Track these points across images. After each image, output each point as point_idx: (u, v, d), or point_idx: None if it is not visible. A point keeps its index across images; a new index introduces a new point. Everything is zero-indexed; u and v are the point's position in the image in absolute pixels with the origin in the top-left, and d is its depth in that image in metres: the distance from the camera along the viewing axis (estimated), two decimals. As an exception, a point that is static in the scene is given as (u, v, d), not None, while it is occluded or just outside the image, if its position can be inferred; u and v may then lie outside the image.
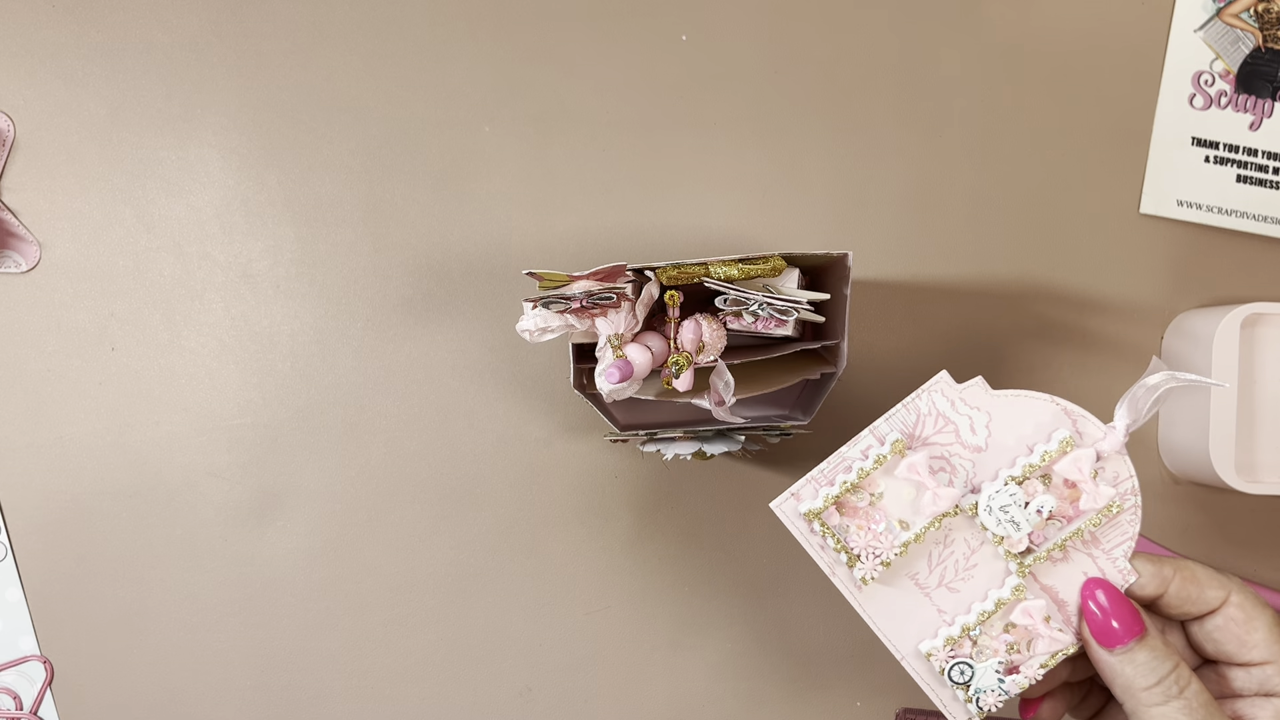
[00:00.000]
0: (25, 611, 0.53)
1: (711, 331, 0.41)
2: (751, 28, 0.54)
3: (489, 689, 0.55)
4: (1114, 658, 0.35)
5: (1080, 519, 0.36)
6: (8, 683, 0.53)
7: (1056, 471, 0.36)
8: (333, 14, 0.53)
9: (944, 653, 0.36)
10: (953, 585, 0.37)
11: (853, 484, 0.36)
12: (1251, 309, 0.51)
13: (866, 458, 0.37)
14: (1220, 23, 0.55)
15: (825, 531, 0.37)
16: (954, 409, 0.36)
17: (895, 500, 0.36)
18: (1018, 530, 0.36)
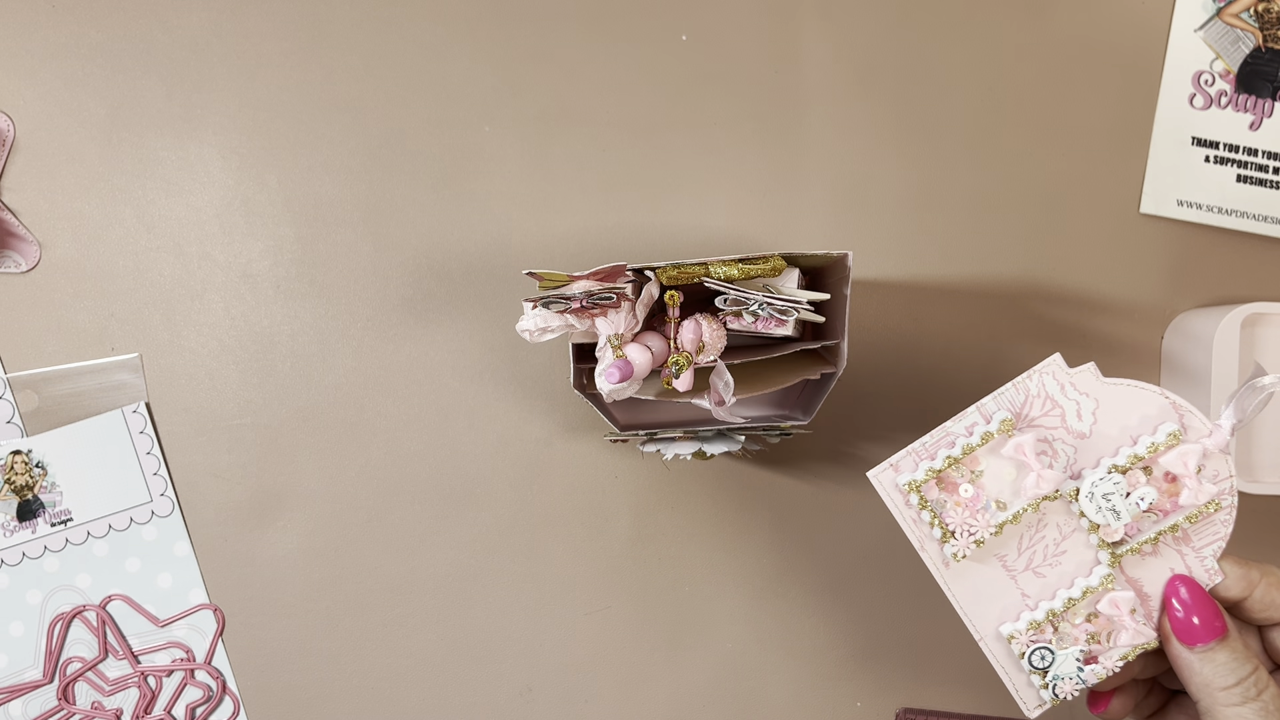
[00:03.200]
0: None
1: (711, 331, 0.41)
2: (751, 28, 0.54)
3: (489, 689, 0.55)
4: (1193, 655, 0.35)
5: (1176, 514, 0.36)
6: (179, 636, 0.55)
7: (1160, 464, 0.36)
8: (333, 14, 0.53)
9: (1026, 636, 0.36)
10: (1039, 569, 0.37)
11: (955, 459, 0.36)
12: (1251, 309, 0.51)
13: (971, 434, 0.36)
14: (1220, 22, 0.55)
15: (922, 505, 0.36)
16: (1063, 393, 0.37)
17: (995, 479, 0.36)
18: (1117, 519, 0.36)
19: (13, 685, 0.54)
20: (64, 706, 0.54)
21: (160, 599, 0.54)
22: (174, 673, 0.54)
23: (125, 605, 0.54)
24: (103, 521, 0.54)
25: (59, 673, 0.54)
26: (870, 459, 0.55)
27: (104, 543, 0.54)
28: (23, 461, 0.53)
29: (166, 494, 0.54)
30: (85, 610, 0.54)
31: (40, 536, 0.53)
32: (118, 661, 0.54)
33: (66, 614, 0.54)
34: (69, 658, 0.54)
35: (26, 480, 0.53)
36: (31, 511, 0.53)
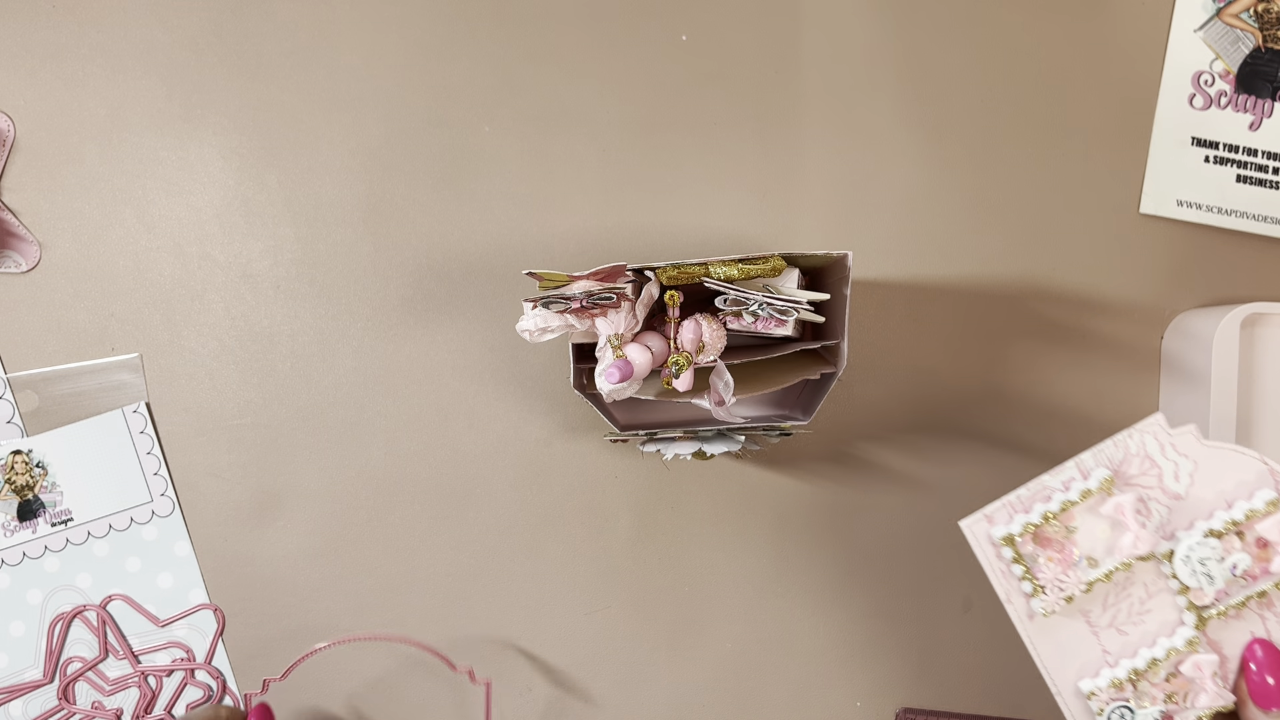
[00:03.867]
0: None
1: (711, 331, 0.41)
2: (751, 28, 0.54)
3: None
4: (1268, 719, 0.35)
5: (1266, 580, 0.36)
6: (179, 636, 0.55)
7: (1255, 530, 0.36)
8: (333, 14, 0.53)
9: (1106, 694, 0.36)
10: (1123, 627, 0.37)
11: (1052, 514, 0.36)
12: (1251, 309, 0.51)
13: (1068, 489, 0.37)
14: (1220, 23, 0.55)
15: (1016, 559, 0.37)
16: (1163, 453, 0.37)
17: (1089, 536, 0.36)
18: (1211, 584, 0.36)
19: (13, 685, 0.54)
20: (64, 706, 0.54)
21: (160, 599, 0.54)
22: (174, 672, 0.54)
23: (125, 605, 0.54)
24: (103, 521, 0.54)
25: (59, 672, 0.54)
26: (870, 459, 0.55)
27: (104, 543, 0.54)
28: (23, 461, 0.53)
29: (167, 494, 0.54)
30: (85, 610, 0.54)
31: (41, 536, 0.53)
32: (118, 661, 0.54)
33: (67, 614, 0.54)
34: (69, 657, 0.54)
35: (27, 480, 0.53)
36: (32, 511, 0.53)
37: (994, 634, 0.56)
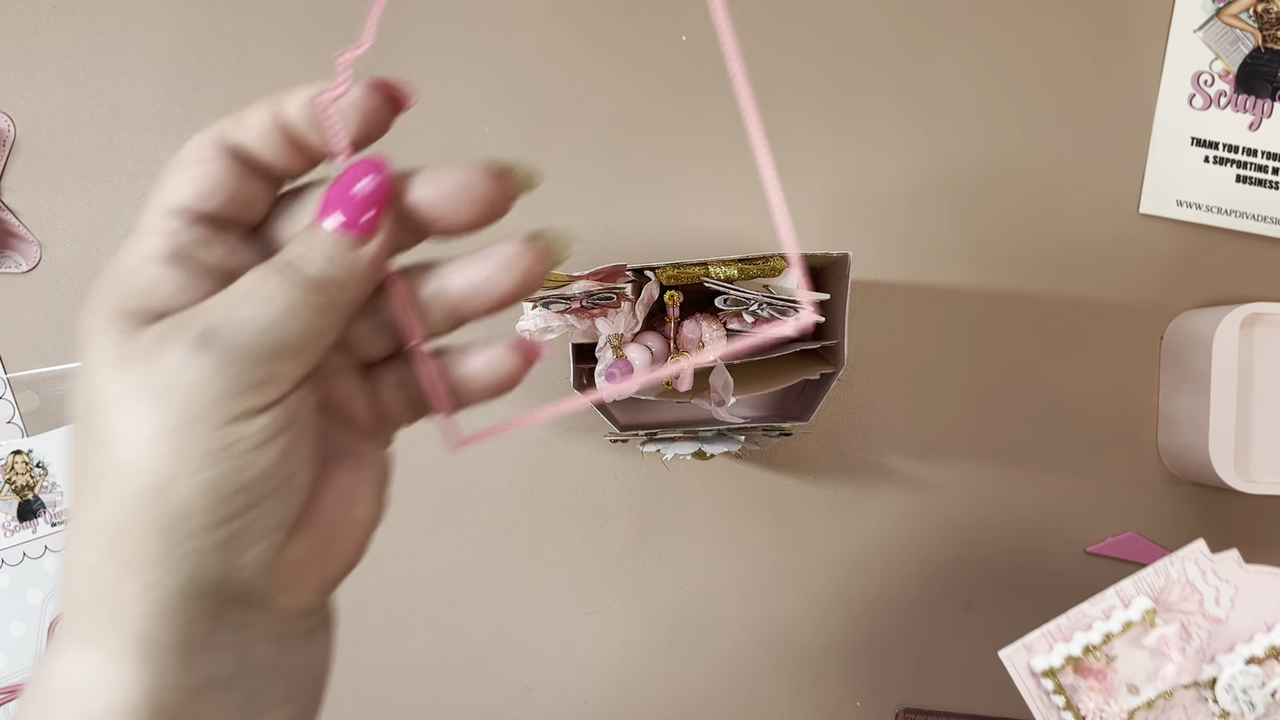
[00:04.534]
0: (25, 611, 0.53)
1: (711, 331, 0.41)
2: (752, 28, 0.54)
3: (489, 689, 0.55)
4: None
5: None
6: None
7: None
8: (332, 14, 0.53)
9: None
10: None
11: (1094, 646, 0.37)
12: (1251, 309, 0.51)
13: (1109, 618, 0.37)
14: (1220, 23, 0.55)
15: (1057, 690, 0.37)
16: (1204, 579, 0.37)
17: (1130, 663, 0.36)
18: (1252, 711, 0.36)
19: (13, 685, 0.54)
20: (64, 706, 0.54)
21: (160, 599, 0.54)
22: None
23: (125, 605, 0.54)
24: (103, 521, 0.54)
25: (59, 673, 0.54)
26: (870, 459, 0.55)
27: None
28: (23, 461, 0.53)
29: (167, 494, 0.54)
30: (85, 610, 0.54)
31: (41, 536, 0.53)
32: (118, 661, 0.54)
33: (66, 614, 0.54)
34: (69, 658, 0.54)
35: (27, 480, 0.53)
36: (32, 511, 0.53)
37: (994, 634, 0.56)
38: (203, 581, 0.23)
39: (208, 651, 0.24)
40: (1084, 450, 0.56)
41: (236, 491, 0.23)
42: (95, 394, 0.23)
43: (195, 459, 0.22)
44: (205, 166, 0.24)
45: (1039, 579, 0.56)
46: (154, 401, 0.22)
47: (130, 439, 0.22)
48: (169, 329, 0.23)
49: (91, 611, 0.23)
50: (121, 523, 0.22)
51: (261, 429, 0.23)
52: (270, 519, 0.24)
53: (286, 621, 0.26)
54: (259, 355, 0.23)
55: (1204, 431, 0.51)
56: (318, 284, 0.24)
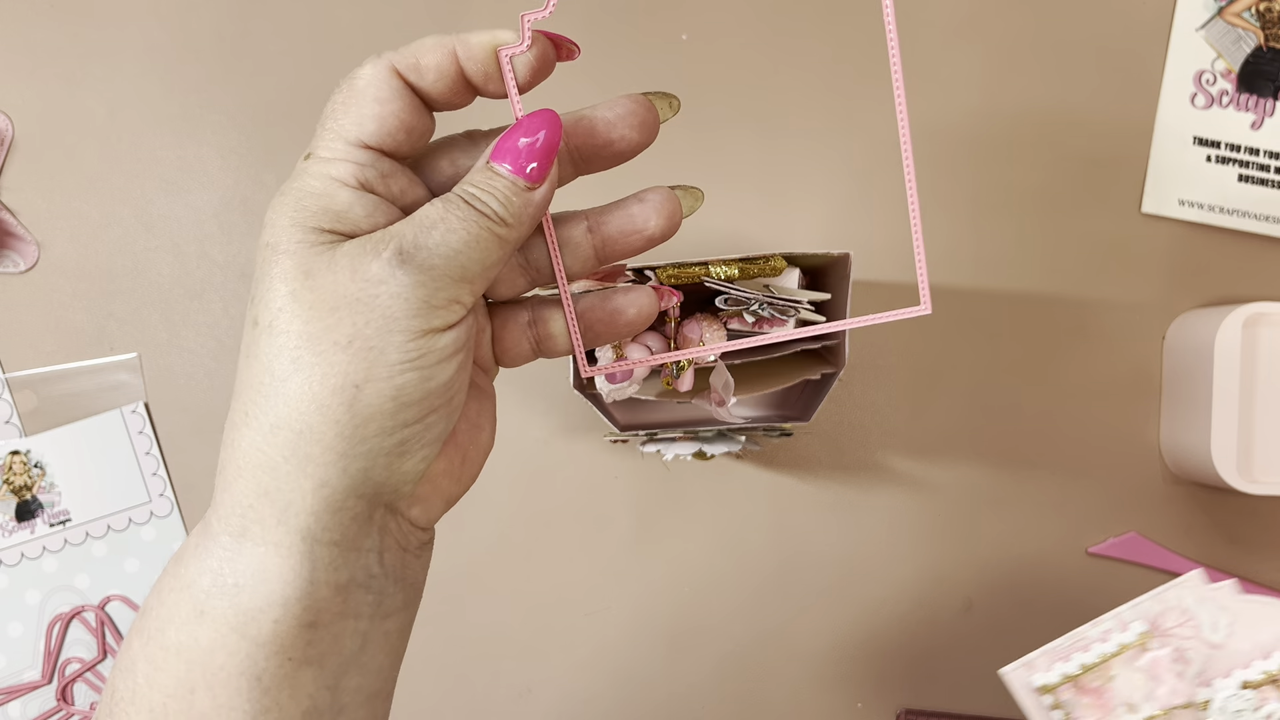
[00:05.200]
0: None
1: (711, 332, 0.41)
2: (752, 27, 0.54)
3: (489, 689, 0.55)
4: None
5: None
6: None
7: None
8: (333, 14, 0.53)
9: None
10: None
11: (1090, 665, 0.37)
12: (1253, 309, 0.51)
13: (1107, 640, 0.37)
14: (1222, 22, 0.55)
15: (1055, 705, 0.38)
16: (1201, 606, 0.38)
17: (1127, 684, 0.37)
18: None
19: (11, 686, 0.53)
20: (63, 707, 0.54)
21: (159, 599, 0.54)
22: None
23: (124, 606, 0.54)
24: (101, 522, 0.54)
25: (58, 673, 0.54)
26: (870, 459, 0.55)
27: (103, 543, 0.54)
28: (21, 462, 0.53)
29: (165, 494, 0.54)
30: (84, 611, 0.54)
31: (39, 537, 0.53)
32: (117, 662, 0.54)
33: (65, 614, 0.54)
34: (68, 658, 0.54)
35: (25, 480, 0.53)
36: (30, 512, 0.53)
37: (994, 634, 0.56)
38: (367, 484, 0.25)
39: (357, 552, 0.25)
40: (1085, 450, 0.56)
41: (419, 400, 0.25)
42: (288, 299, 0.24)
43: (388, 366, 0.24)
44: (388, 106, 0.26)
45: (1040, 579, 0.56)
46: (350, 309, 0.24)
47: (323, 344, 0.24)
48: (367, 245, 0.24)
49: (259, 507, 0.25)
50: (305, 421, 0.24)
51: (447, 344, 0.25)
52: (434, 430, 0.26)
53: (413, 532, 0.28)
54: (449, 276, 0.25)
55: (1206, 432, 0.51)
56: (496, 219, 0.26)
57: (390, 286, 0.24)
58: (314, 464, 0.24)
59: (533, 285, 0.30)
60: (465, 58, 0.27)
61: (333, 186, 0.25)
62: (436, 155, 0.29)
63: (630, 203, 0.30)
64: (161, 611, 0.25)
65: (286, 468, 0.24)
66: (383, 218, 0.26)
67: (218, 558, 0.25)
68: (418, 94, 0.27)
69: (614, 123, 0.29)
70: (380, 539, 0.26)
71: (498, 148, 0.27)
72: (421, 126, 0.27)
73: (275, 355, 0.24)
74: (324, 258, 0.24)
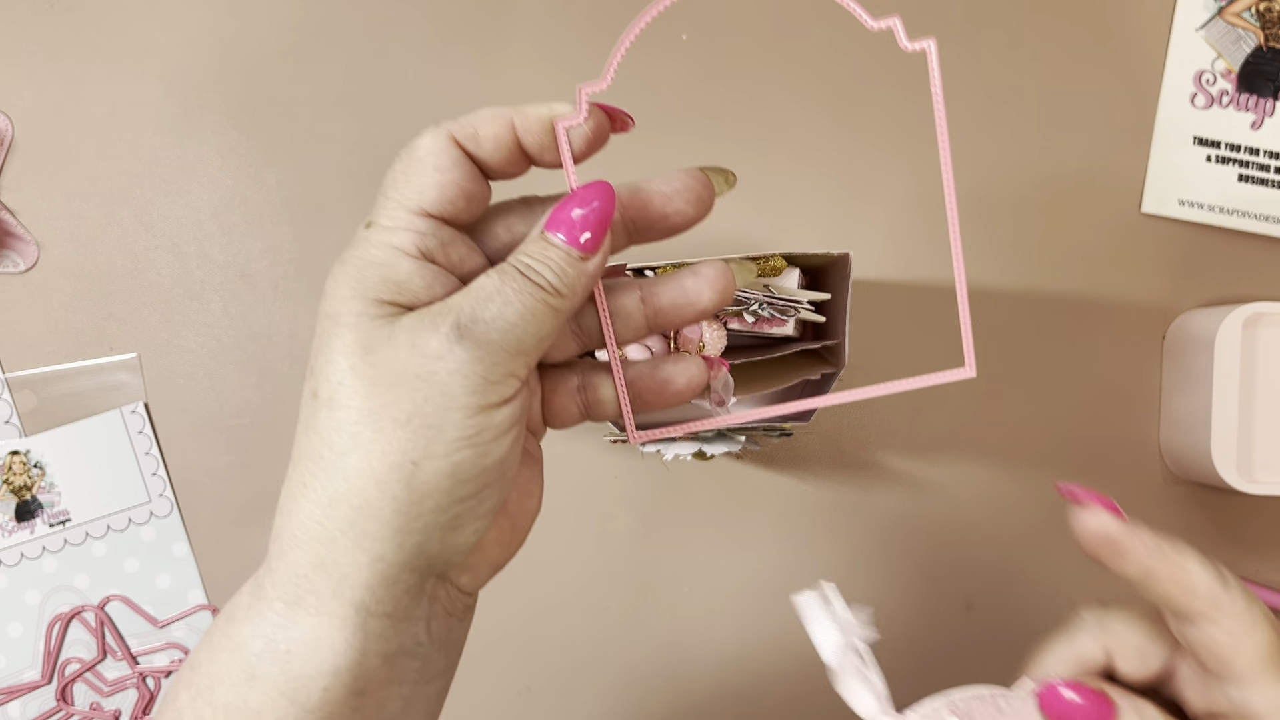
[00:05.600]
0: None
1: (711, 331, 0.41)
2: (752, 27, 0.54)
3: (489, 689, 0.55)
4: None
5: None
6: (177, 637, 0.55)
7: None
8: (332, 14, 0.53)
9: None
10: None
11: None
12: (1253, 309, 0.51)
13: None
14: (1222, 21, 0.55)
15: None
16: None
17: None
18: None
19: (11, 686, 0.53)
20: (62, 707, 0.54)
21: (159, 600, 0.54)
22: (172, 674, 0.54)
23: (124, 606, 0.54)
24: (101, 522, 0.54)
25: (57, 674, 0.54)
26: (870, 459, 0.55)
27: (102, 543, 0.54)
28: (21, 462, 0.53)
29: (165, 494, 0.54)
30: (84, 611, 0.54)
31: (39, 537, 0.53)
32: (116, 662, 0.54)
33: (65, 615, 0.54)
34: (67, 658, 0.54)
35: (25, 481, 0.53)
36: (30, 512, 0.53)
37: (994, 634, 0.56)
38: (421, 558, 0.25)
39: (408, 622, 0.26)
40: (1085, 450, 0.56)
41: (474, 477, 0.25)
42: (348, 374, 0.24)
43: (446, 443, 0.24)
44: (448, 174, 0.26)
45: (1040, 580, 0.56)
46: (410, 387, 0.24)
47: (382, 420, 0.24)
48: (426, 319, 0.24)
49: (315, 578, 0.25)
50: (363, 497, 0.24)
51: (503, 420, 0.25)
52: (488, 504, 0.26)
53: (459, 598, 0.28)
54: (506, 350, 0.25)
55: (1206, 431, 0.51)
56: (551, 290, 0.26)
57: (449, 363, 0.24)
58: (370, 539, 0.24)
59: (584, 350, 0.30)
60: (523, 129, 0.27)
61: (394, 256, 0.25)
62: (493, 221, 0.29)
63: (685, 275, 0.30)
64: (212, 670, 0.25)
65: (343, 541, 0.24)
66: (441, 288, 0.26)
67: (271, 623, 0.25)
68: (475, 162, 0.27)
69: (670, 197, 0.29)
70: (429, 607, 0.27)
71: (552, 218, 0.27)
72: (480, 194, 0.27)
73: (335, 430, 0.24)
74: (384, 332, 0.24)
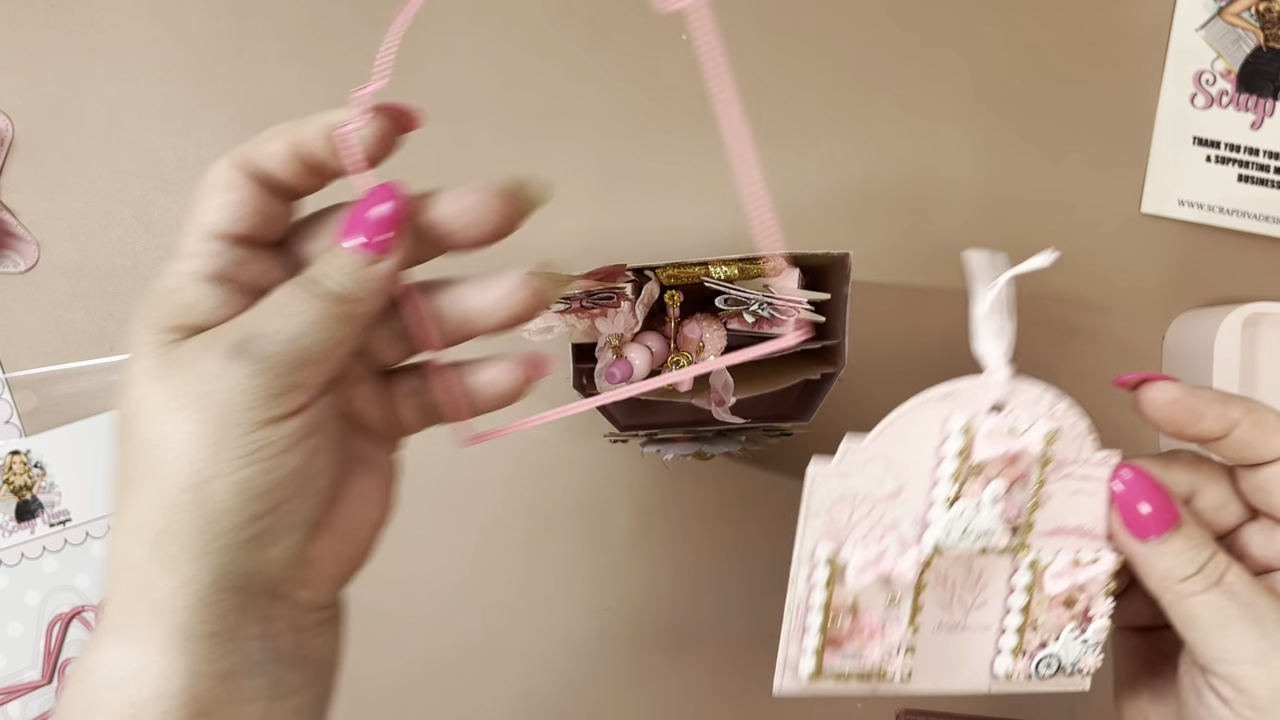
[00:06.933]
0: (24, 612, 0.53)
1: (711, 331, 0.41)
2: (752, 27, 0.54)
3: (489, 689, 0.55)
4: (1147, 548, 0.32)
5: (1033, 469, 0.33)
6: None
7: (980, 459, 0.32)
8: (333, 14, 0.53)
9: (1018, 664, 0.34)
10: (979, 602, 0.34)
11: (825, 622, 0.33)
12: (1253, 309, 0.51)
13: (815, 587, 0.33)
14: (1221, 22, 0.55)
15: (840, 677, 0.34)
16: (846, 483, 0.34)
17: (871, 598, 0.33)
18: (992, 536, 0.33)
19: (11, 686, 0.53)
20: (63, 707, 0.54)
21: (159, 599, 0.54)
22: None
23: (124, 606, 0.54)
24: (101, 522, 0.54)
25: (58, 673, 0.54)
26: (871, 459, 0.55)
27: (103, 543, 0.54)
28: (21, 462, 0.53)
29: (165, 494, 0.54)
30: (84, 611, 0.54)
31: (39, 537, 0.53)
32: (117, 662, 0.54)
33: (65, 614, 0.54)
34: (68, 658, 0.54)
35: (25, 480, 0.53)
36: (30, 512, 0.53)
37: (995, 635, 0.56)
38: (234, 576, 0.25)
39: (238, 641, 0.25)
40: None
41: (266, 492, 0.25)
42: (137, 402, 0.25)
43: (229, 461, 0.24)
44: (235, 194, 0.26)
45: (1040, 579, 0.56)
46: (192, 408, 0.24)
47: (170, 443, 0.24)
48: (206, 341, 0.25)
49: (133, 605, 0.25)
50: (163, 521, 0.24)
51: (289, 433, 0.25)
52: (295, 517, 0.26)
53: (305, 613, 0.28)
54: (287, 363, 0.25)
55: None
56: (338, 298, 0.26)
57: (226, 380, 0.24)
58: (175, 562, 0.24)
59: (413, 352, 0.30)
60: (307, 141, 0.27)
61: (185, 281, 0.26)
62: (309, 234, 0.29)
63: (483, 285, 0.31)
64: (64, 702, 0.26)
65: (152, 566, 0.24)
66: (235, 307, 0.26)
67: (105, 653, 0.25)
68: (271, 179, 0.27)
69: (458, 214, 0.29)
70: (266, 625, 0.26)
71: (344, 223, 0.27)
72: (277, 211, 0.27)
73: (131, 459, 0.25)
74: (170, 357, 0.25)
